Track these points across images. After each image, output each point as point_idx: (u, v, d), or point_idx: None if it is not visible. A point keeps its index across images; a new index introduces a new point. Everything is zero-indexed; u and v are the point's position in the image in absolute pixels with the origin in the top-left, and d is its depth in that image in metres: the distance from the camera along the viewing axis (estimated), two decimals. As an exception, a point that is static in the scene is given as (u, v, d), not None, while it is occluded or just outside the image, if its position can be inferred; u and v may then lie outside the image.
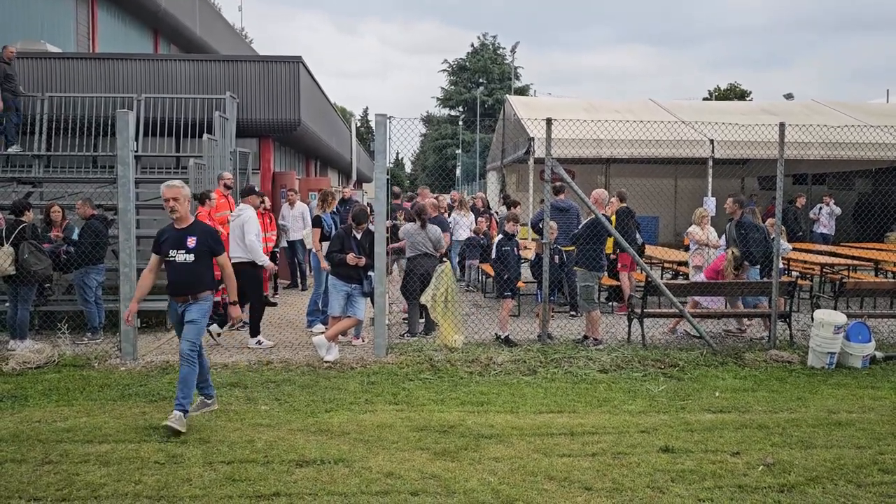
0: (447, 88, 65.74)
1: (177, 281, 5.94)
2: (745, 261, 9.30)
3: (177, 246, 5.94)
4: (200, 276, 5.96)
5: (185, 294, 5.94)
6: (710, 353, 8.42)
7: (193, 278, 5.93)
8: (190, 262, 5.90)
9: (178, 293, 5.96)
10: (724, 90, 52.51)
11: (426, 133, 68.40)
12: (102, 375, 7.47)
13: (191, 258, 5.91)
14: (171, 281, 5.96)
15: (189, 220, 6.06)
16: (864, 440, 5.59)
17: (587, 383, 7.31)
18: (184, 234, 5.97)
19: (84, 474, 4.81)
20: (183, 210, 5.98)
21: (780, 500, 4.53)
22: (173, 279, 5.95)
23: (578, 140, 13.78)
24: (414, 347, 8.59)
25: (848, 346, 7.96)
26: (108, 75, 13.82)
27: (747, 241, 9.31)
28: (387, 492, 4.58)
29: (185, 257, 5.91)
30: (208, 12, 25.89)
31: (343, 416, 6.11)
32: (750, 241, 9.32)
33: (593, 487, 4.68)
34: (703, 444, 5.47)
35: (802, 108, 19.09)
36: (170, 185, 5.97)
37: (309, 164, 23.01)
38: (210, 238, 6.03)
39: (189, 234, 5.97)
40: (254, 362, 7.99)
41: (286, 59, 14.41)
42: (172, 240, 5.98)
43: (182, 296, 5.95)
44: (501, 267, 9.14)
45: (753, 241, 9.34)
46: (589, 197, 8.95)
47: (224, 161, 12.69)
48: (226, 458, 5.09)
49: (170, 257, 5.93)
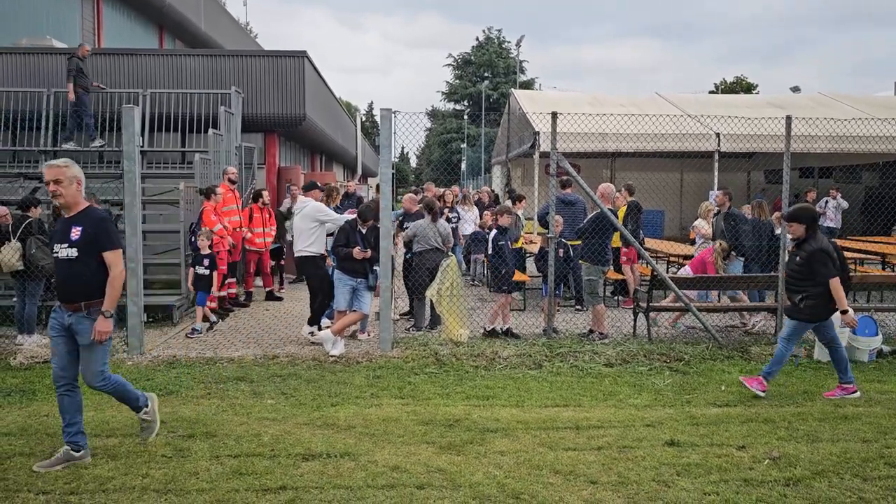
0: (452, 82, 65.66)
1: (60, 282, 4.87)
2: (734, 251, 9.43)
3: (61, 239, 4.85)
4: (86, 278, 4.79)
5: (72, 300, 4.81)
6: (716, 347, 8.41)
7: (77, 280, 4.80)
8: (73, 258, 4.79)
9: (64, 298, 4.85)
10: (730, 83, 52.30)
11: (431, 127, 68.36)
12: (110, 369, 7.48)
13: (73, 253, 4.79)
14: (56, 282, 4.96)
15: (79, 207, 4.90)
16: (871, 434, 5.58)
17: (593, 377, 7.31)
18: (69, 223, 4.87)
19: (92, 467, 4.83)
20: (69, 195, 4.83)
21: (786, 493, 4.52)
22: (57, 279, 4.91)
23: (584, 134, 13.74)
24: (419, 342, 8.60)
25: (855, 340, 7.93)
26: (114, 71, 13.86)
27: (737, 232, 9.44)
28: (393, 485, 4.59)
29: (68, 252, 4.80)
30: (213, 7, 25.90)
31: (349, 410, 6.12)
32: (740, 233, 9.46)
33: (599, 481, 4.68)
34: (709, 438, 5.46)
35: (809, 100, 19.00)
36: (50, 165, 4.86)
37: (314, 159, 23.04)
38: (97, 228, 4.82)
39: (75, 223, 4.84)
40: (260, 357, 8.01)
41: (291, 54, 14.42)
42: (59, 231, 4.94)
43: (70, 302, 4.83)
44: (499, 261, 9.12)
45: (743, 232, 9.46)
46: (595, 191, 8.93)
47: (229, 156, 12.72)
48: (232, 452, 5.11)
49: (55, 252, 4.88)
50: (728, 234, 9.50)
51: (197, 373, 7.38)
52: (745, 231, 9.46)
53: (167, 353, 8.22)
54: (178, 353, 8.17)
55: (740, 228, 9.47)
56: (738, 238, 9.42)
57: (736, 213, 9.55)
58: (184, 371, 7.44)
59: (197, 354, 8.13)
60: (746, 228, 9.52)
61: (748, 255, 9.55)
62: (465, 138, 58.41)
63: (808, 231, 6.49)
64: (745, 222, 9.60)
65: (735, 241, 9.43)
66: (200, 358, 7.97)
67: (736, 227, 9.46)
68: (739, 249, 9.45)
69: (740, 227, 9.48)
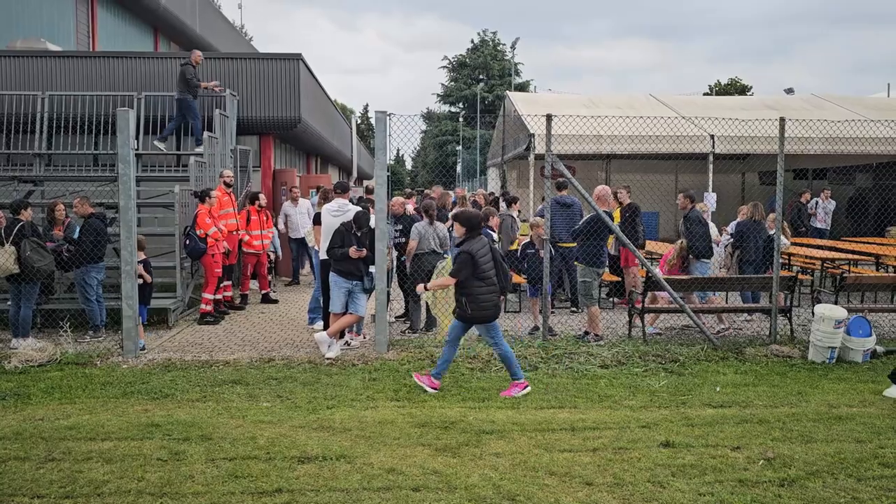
0: (447, 85, 65.68)
1: None
2: (690, 254, 9.67)
3: None
4: None
5: None
6: (711, 348, 8.43)
7: None
8: None
9: None
10: (724, 85, 52.49)
11: (426, 129, 68.34)
12: (104, 373, 7.49)
13: None
14: None
15: None
16: (865, 434, 5.60)
17: (588, 379, 7.32)
18: None
19: (87, 471, 4.82)
20: None
21: (781, 494, 4.54)
22: None
23: (579, 136, 13.77)
24: (415, 344, 8.61)
25: (848, 341, 7.97)
26: (109, 73, 13.83)
27: (690, 234, 9.69)
28: (388, 487, 4.60)
29: None
30: (208, 10, 25.89)
31: (345, 413, 6.12)
32: (693, 235, 9.68)
33: (594, 482, 4.69)
34: (704, 439, 5.48)
35: (803, 102, 19.04)
36: None
37: (310, 162, 23.01)
38: None
39: None
40: (255, 359, 8.01)
41: (286, 57, 14.41)
42: None
43: None
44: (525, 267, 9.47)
45: (696, 235, 9.69)
46: (591, 193, 8.96)
47: (224, 159, 12.71)
48: (228, 455, 5.11)
49: None
50: (685, 235, 9.79)
51: (192, 376, 7.37)
52: (697, 233, 9.72)
53: (162, 356, 8.21)
54: (174, 356, 8.16)
55: (693, 231, 9.72)
56: (692, 240, 9.67)
57: (691, 217, 9.77)
58: (179, 374, 7.43)
59: (192, 357, 8.12)
60: (699, 231, 9.77)
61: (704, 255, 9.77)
62: (461, 140, 58.46)
63: (468, 234, 6.79)
64: (700, 224, 9.84)
65: (690, 242, 9.67)
66: (196, 361, 7.96)
67: (690, 229, 9.74)
68: (694, 251, 9.67)
69: (693, 229, 9.73)
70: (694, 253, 9.66)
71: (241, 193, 13.17)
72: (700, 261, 9.73)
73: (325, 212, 8.92)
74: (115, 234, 9.08)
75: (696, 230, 9.71)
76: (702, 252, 9.70)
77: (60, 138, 12.84)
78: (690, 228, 9.71)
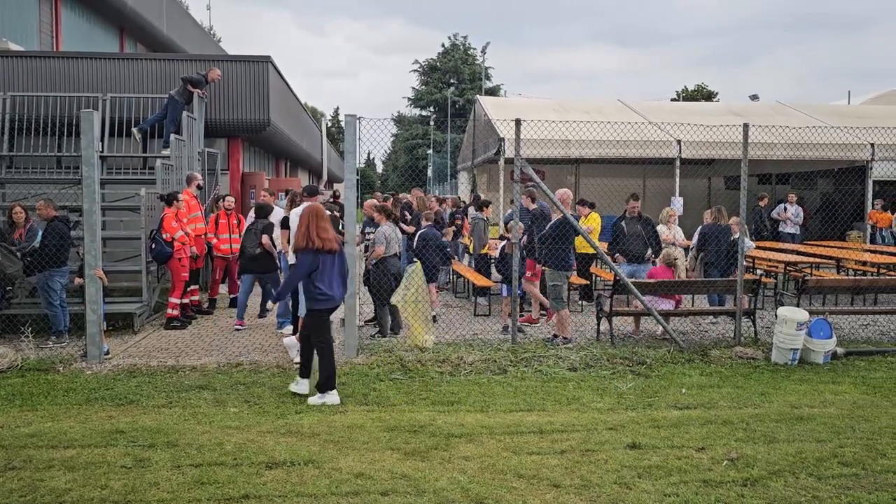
0: (418, 88, 65.71)
1: None
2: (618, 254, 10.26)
3: None
4: None
5: None
6: (677, 350, 8.55)
7: None
8: None
9: None
10: (691, 91, 53.26)
11: (397, 133, 68.28)
12: (68, 379, 7.36)
13: None
14: None
15: None
16: (825, 434, 5.73)
17: (556, 382, 7.38)
18: None
19: (48, 480, 4.73)
20: None
21: (744, 493, 4.62)
22: None
23: (548, 140, 13.88)
24: (384, 348, 8.58)
25: (810, 343, 8.13)
26: (73, 74, 13.60)
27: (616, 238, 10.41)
28: (357, 492, 4.58)
29: None
30: (176, 10, 25.57)
31: (313, 418, 6.09)
32: (617, 238, 10.39)
33: (561, 484, 4.73)
34: (670, 441, 5.56)
35: (767, 109, 19.43)
36: None
37: (279, 165, 22.87)
38: None
39: None
40: (223, 364, 7.92)
41: (255, 59, 14.32)
42: None
43: None
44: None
45: (621, 239, 10.34)
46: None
47: (192, 161, 12.56)
48: (194, 462, 5.05)
49: None
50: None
51: (158, 381, 7.27)
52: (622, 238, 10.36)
53: (127, 361, 8.08)
54: (140, 362, 8.04)
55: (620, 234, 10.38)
56: (617, 243, 10.33)
57: (627, 220, 10.38)
58: (145, 380, 7.32)
59: (158, 363, 8.01)
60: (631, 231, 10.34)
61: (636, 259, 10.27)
62: (432, 144, 58.48)
63: None
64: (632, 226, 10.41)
65: (615, 245, 10.32)
66: (162, 366, 7.85)
67: (618, 234, 10.40)
68: (623, 254, 10.25)
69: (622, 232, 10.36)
70: (624, 255, 10.22)
71: (209, 197, 13.02)
72: (628, 263, 10.17)
73: (293, 216, 8.86)
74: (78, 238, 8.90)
75: (620, 236, 10.35)
76: (634, 256, 10.25)
77: (23, 140, 12.59)
78: (617, 234, 10.40)
